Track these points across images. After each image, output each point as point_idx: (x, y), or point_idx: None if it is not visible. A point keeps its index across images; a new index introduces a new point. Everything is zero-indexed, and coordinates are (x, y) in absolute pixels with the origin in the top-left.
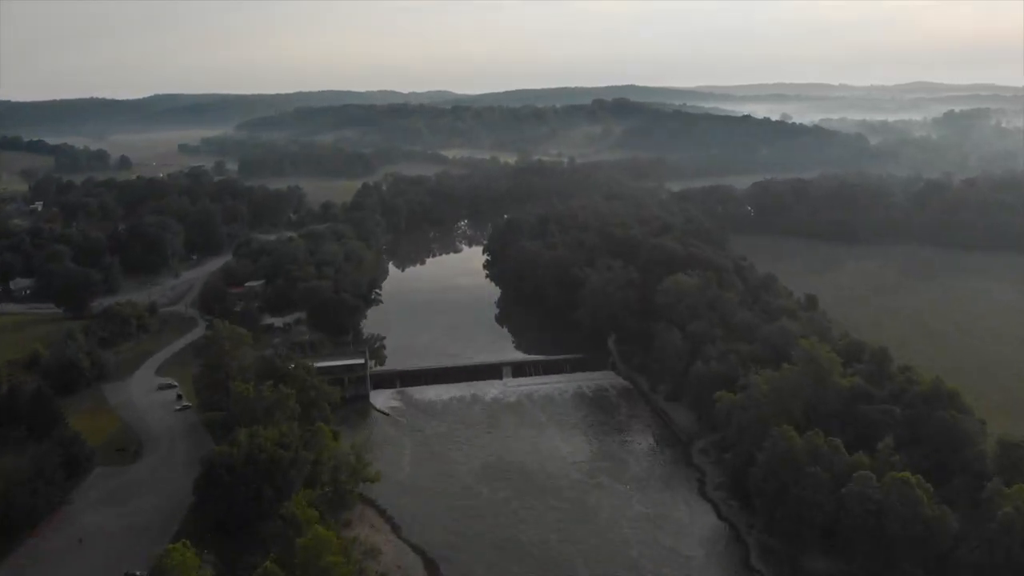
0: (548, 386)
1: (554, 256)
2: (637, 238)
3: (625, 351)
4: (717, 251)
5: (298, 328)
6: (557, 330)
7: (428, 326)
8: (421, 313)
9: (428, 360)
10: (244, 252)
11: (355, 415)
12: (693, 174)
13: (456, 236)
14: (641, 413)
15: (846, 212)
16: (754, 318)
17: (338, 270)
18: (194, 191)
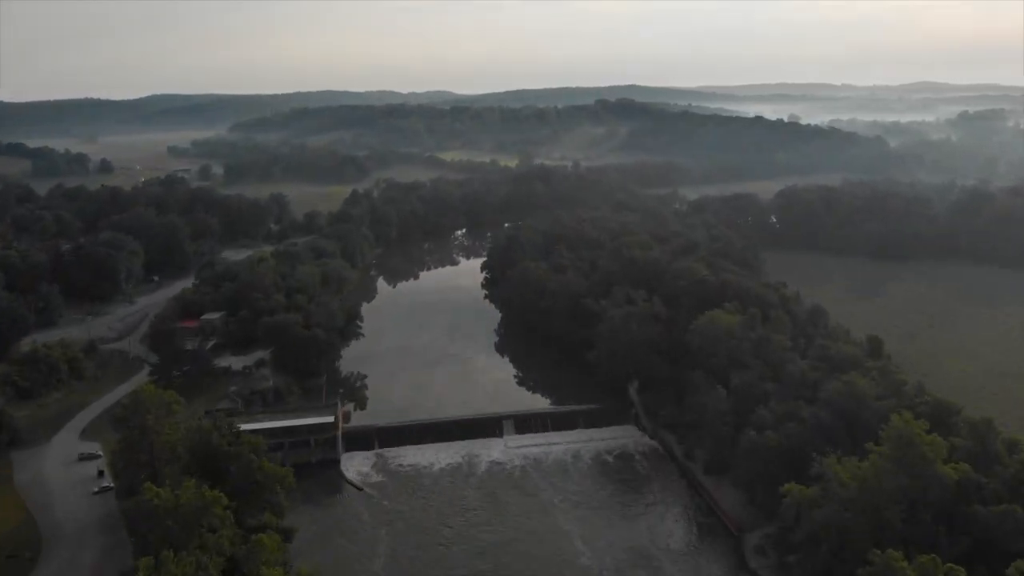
0: (559, 447)
1: (563, 282)
2: (660, 262)
3: (650, 402)
4: (753, 277)
5: (260, 372)
6: (567, 371)
7: (417, 359)
8: (409, 339)
9: (413, 410)
10: (207, 276)
11: (321, 489)
12: (706, 179)
13: (453, 247)
14: (675, 487)
15: (883, 224)
16: (811, 369)
17: (312, 298)
18: (163, 202)
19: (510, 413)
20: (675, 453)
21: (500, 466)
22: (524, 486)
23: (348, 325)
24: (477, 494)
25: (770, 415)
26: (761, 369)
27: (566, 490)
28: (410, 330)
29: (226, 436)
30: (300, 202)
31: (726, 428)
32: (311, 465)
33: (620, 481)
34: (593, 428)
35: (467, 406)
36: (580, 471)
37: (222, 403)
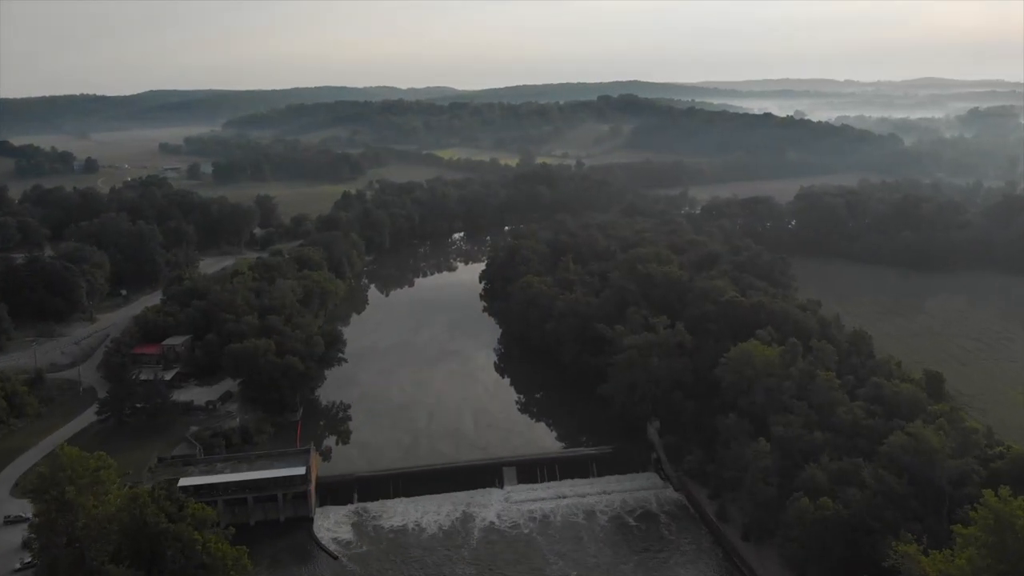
0: (569, 501)
1: (571, 302)
2: (680, 280)
3: (674, 446)
4: (784, 295)
5: (225, 408)
6: (576, 402)
7: (406, 383)
8: (399, 357)
9: (400, 448)
10: (174, 292)
11: (290, 554)
12: (716, 178)
13: (450, 252)
14: (708, 557)
15: (915, 233)
16: (865, 414)
17: (289, 318)
18: (138, 206)
19: (511, 459)
20: (705, 511)
21: (500, 529)
22: (529, 556)
23: (329, 351)
24: (472, 570)
25: (823, 475)
26: (806, 413)
27: (580, 562)
28: (400, 340)
29: (166, 507)
30: (289, 203)
31: (769, 488)
32: (279, 524)
33: (644, 550)
34: (608, 476)
35: (462, 443)
36: (595, 535)
37: (179, 447)
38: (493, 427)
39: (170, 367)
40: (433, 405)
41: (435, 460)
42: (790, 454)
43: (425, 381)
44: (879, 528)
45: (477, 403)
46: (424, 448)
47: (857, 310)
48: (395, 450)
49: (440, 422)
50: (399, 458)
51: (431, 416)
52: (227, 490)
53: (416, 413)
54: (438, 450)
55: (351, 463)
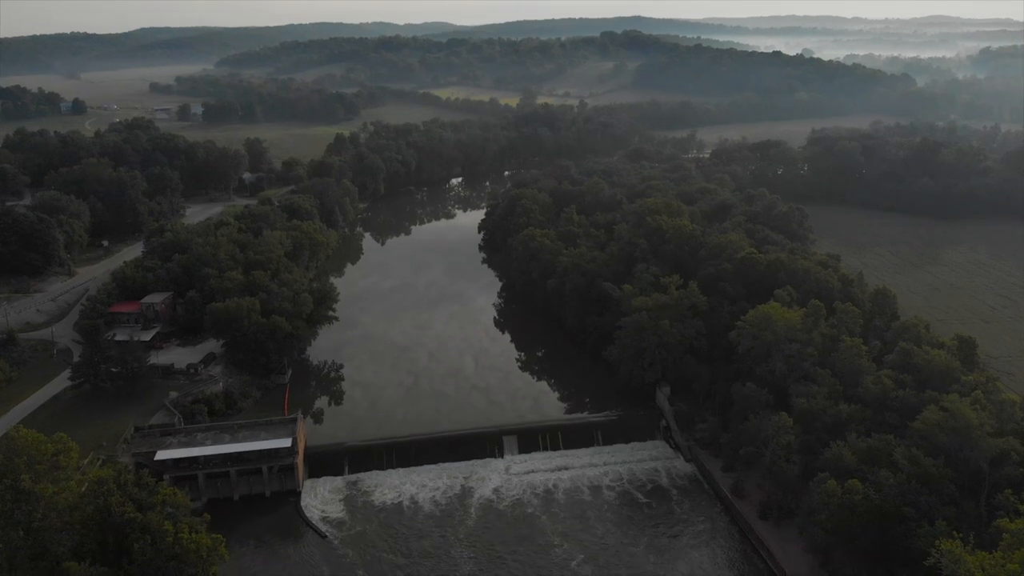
0: (572, 473)
1: (575, 257)
2: (693, 234)
3: (685, 414)
4: (803, 249)
5: (208, 371)
6: (580, 364)
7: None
8: (400, 299)
9: (394, 422)
10: (155, 245)
11: (275, 531)
12: (723, 119)
13: (448, 199)
14: (723, 536)
15: (934, 180)
16: (894, 384)
17: (276, 274)
18: (121, 151)
19: (511, 427)
20: (719, 486)
21: (500, 505)
22: (531, 537)
23: (318, 309)
24: (470, 553)
25: (851, 454)
26: (830, 383)
27: (586, 544)
28: (396, 290)
29: (133, 493)
30: (281, 146)
31: (792, 467)
32: (264, 498)
33: (654, 529)
34: (613, 445)
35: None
36: (602, 513)
37: (158, 416)
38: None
39: (149, 327)
40: (433, 346)
41: (435, 417)
42: (813, 428)
43: (426, 323)
44: (912, 515)
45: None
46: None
47: (874, 262)
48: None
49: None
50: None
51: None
52: (208, 463)
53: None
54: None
55: (345, 422)
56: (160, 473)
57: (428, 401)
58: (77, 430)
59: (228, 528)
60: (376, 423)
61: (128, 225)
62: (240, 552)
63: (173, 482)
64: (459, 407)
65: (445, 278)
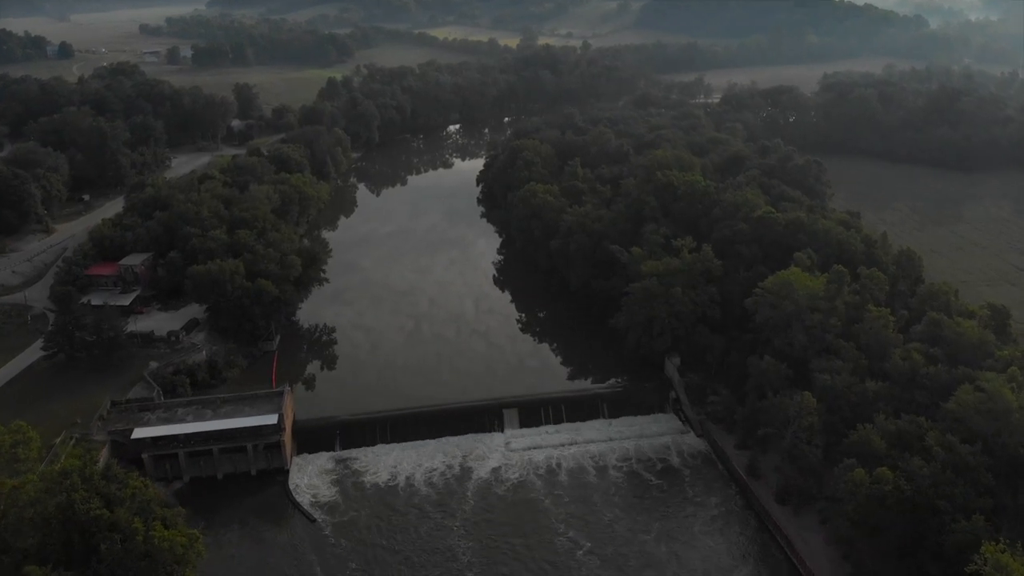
0: (577, 450)
1: (580, 216)
2: (707, 191)
3: (696, 386)
4: (822, 208)
5: (191, 339)
6: (584, 332)
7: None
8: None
9: (401, 341)
10: (135, 201)
11: (260, 513)
12: (731, 62)
13: (445, 147)
14: (737, 520)
15: (953, 130)
16: (924, 359)
17: (262, 233)
18: (103, 99)
19: (512, 399)
20: (733, 465)
21: (500, 488)
22: (534, 523)
23: (308, 271)
24: (468, 543)
25: (879, 439)
26: (855, 357)
27: (593, 531)
28: (390, 248)
29: (100, 487)
30: (272, 90)
31: (814, 451)
32: (250, 477)
33: (664, 514)
34: (620, 418)
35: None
36: (608, 496)
37: (136, 389)
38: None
39: (129, 290)
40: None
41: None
42: (837, 407)
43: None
44: (947, 508)
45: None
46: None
47: (893, 219)
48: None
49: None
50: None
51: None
52: (189, 441)
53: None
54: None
55: (339, 388)
56: (138, 452)
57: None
58: (50, 405)
59: (211, 510)
60: (373, 383)
61: (110, 178)
62: (223, 538)
63: (152, 461)
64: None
65: (444, 223)
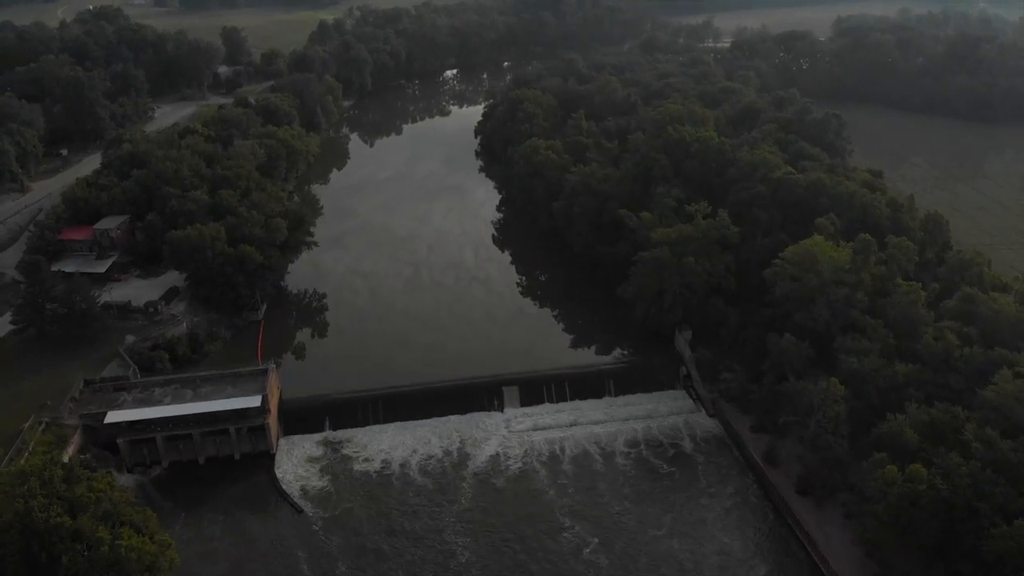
0: (581, 432)
1: (585, 176)
2: (721, 149)
3: (708, 361)
4: (843, 167)
5: (170, 309)
6: (590, 301)
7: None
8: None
9: (400, 285)
10: (112, 159)
11: (244, 502)
12: (740, 4)
13: (442, 94)
14: (754, 512)
15: (973, 78)
16: (957, 341)
17: (247, 193)
18: (83, 46)
19: (512, 375)
20: (749, 450)
21: (500, 478)
22: (537, 516)
23: (294, 234)
24: (467, 539)
25: (911, 430)
26: (882, 336)
27: (601, 525)
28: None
29: (61, 491)
30: (261, 34)
31: (839, 442)
32: (234, 461)
33: (676, 505)
34: (627, 395)
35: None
36: (616, 485)
37: (111, 366)
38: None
39: (105, 256)
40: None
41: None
42: (864, 392)
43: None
44: (986, 511)
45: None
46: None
47: (913, 175)
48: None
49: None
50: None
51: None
52: (167, 425)
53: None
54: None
55: (330, 355)
56: (113, 436)
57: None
58: (21, 384)
59: (192, 500)
60: (367, 348)
61: (88, 132)
62: (206, 531)
63: (128, 446)
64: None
65: (443, 169)
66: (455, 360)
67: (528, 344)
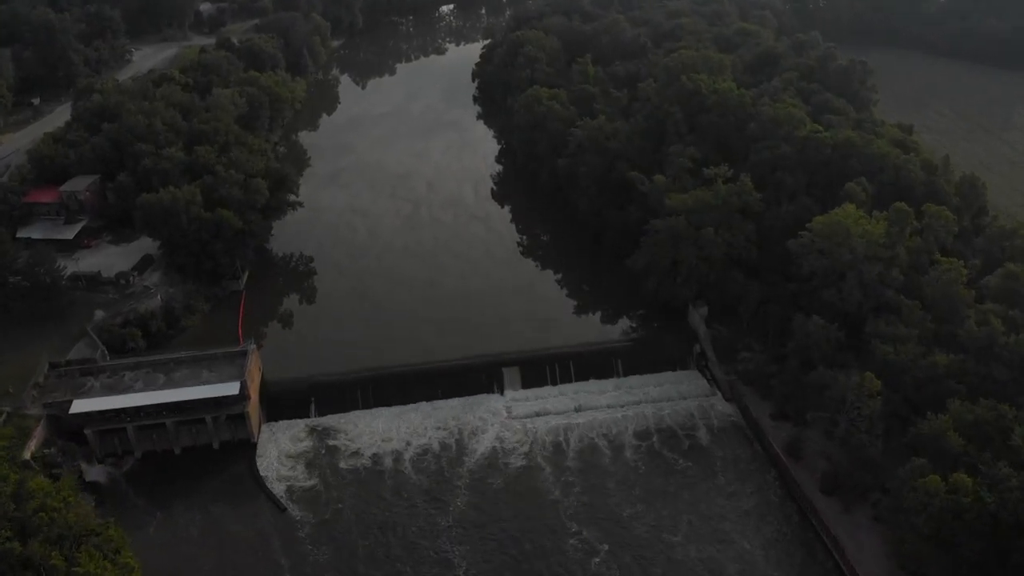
0: (587, 419)
1: (592, 130)
2: (742, 102)
3: (725, 339)
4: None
5: (143, 280)
6: (596, 270)
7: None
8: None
9: (398, 223)
10: (82, 111)
11: (222, 496)
12: None
13: (438, 30)
14: (776, 513)
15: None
16: (1002, 326)
17: (225, 149)
18: None
19: (513, 355)
20: (769, 440)
21: (498, 477)
22: (540, 520)
23: (276, 194)
24: (464, 548)
25: (954, 433)
26: (920, 320)
27: (610, 531)
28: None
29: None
30: None
31: (874, 441)
32: (212, 451)
33: (692, 505)
34: (636, 376)
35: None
36: (628, 484)
37: (78, 347)
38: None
39: (74, 220)
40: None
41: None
42: (900, 384)
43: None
44: None
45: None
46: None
47: (937, 125)
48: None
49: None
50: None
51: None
52: (138, 414)
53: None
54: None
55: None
56: (80, 427)
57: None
58: None
59: (168, 496)
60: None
61: (61, 79)
62: (183, 532)
63: (96, 436)
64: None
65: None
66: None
67: (527, 313)
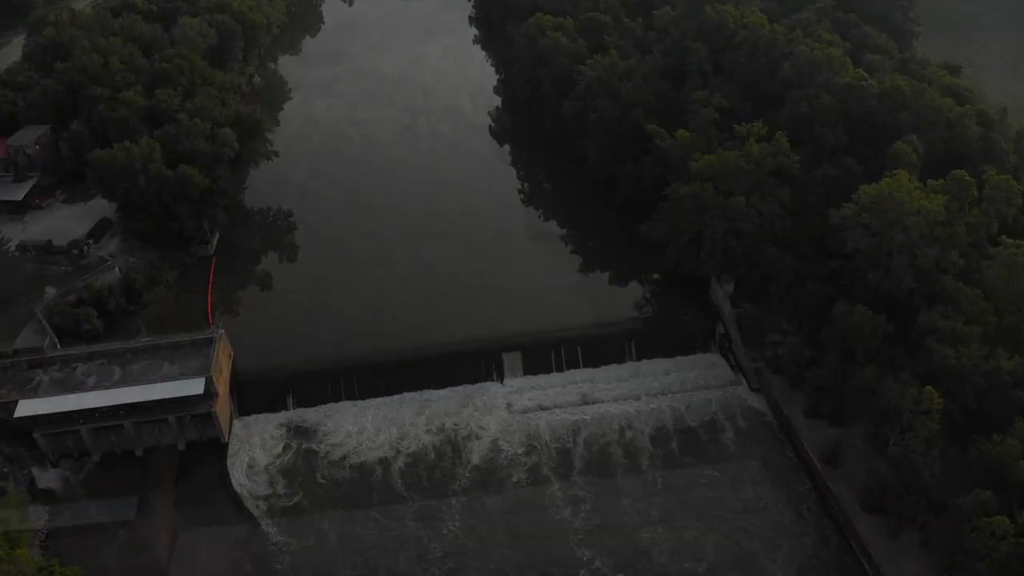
0: (597, 411)
1: (604, 70)
2: (773, 39)
3: (752, 320)
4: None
5: (99, 249)
6: (605, 232)
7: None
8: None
9: (397, 134)
10: (34, 48)
11: (194, 508)
12: None
13: None
14: (812, 533)
15: None
16: None
17: (190, 92)
18: None
19: (515, 338)
20: (802, 444)
21: (501, 487)
22: (546, 543)
23: (249, 144)
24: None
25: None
26: (981, 313)
27: (626, 559)
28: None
29: None
30: None
31: (931, 463)
32: (178, 452)
33: (717, 527)
34: (651, 361)
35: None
36: (643, 498)
37: (25, 332)
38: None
39: (24, 177)
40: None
41: (406, 344)
42: (960, 392)
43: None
44: None
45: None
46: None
47: (978, 59)
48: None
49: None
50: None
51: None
52: (91, 416)
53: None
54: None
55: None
56: (27, 431)
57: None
58: None
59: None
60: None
61: (16, 6)
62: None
63: (47, 440)
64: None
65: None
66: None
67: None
